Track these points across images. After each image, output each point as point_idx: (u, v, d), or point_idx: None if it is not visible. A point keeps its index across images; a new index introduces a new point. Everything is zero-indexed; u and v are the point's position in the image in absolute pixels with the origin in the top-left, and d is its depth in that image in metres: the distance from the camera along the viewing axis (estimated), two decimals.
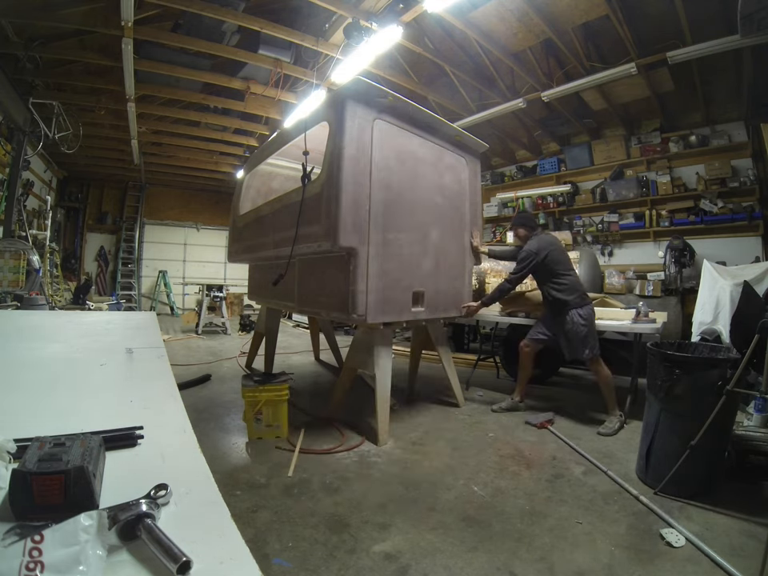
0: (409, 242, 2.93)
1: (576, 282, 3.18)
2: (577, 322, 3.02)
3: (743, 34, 3.31)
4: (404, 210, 2.89)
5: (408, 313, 2.94)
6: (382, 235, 2.72)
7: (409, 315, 2.96)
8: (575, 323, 3.02)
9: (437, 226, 3.18)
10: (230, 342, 6.70)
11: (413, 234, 2.97)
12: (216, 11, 4.08)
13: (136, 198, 10.68)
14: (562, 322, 3.08)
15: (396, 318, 2.88)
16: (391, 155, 2.81)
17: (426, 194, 3.10)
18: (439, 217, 3.22)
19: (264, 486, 2.13)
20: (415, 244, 2.99)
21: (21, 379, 1.15)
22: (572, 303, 3.06)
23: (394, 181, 2.82)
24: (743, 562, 1.55)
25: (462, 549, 1.67)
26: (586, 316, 3.06)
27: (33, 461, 0.61)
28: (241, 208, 4.33)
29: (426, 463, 2.45)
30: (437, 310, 3.21)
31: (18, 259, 4.76)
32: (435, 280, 3.17)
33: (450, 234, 3.33)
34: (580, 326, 3.02)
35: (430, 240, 3.13)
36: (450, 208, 3.34)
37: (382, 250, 2.72)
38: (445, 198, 3.28)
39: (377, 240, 2.68)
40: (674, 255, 5.43)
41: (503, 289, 3.28)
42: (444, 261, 3.26)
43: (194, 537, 0.58)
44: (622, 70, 4.55)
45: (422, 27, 4.87)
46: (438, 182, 3.23)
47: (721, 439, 2.13)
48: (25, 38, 4.51)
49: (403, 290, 2.89)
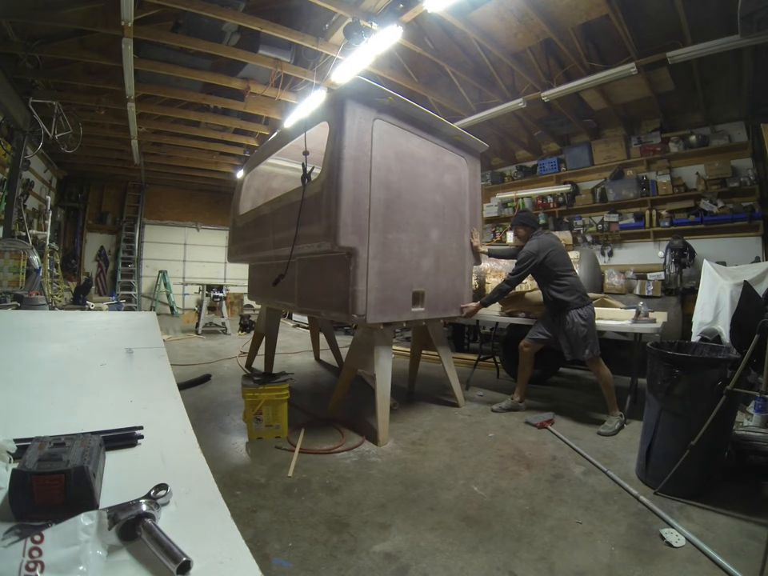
0: (409, 241, 2.93)
1: (576, 282, 3.18)
2: (577, 322, 3.02)
3: (743, 34, 3.31)
4: (404, 210, 2.89)
5: (408, 313, 2.94)
6: (382, 235, 2.72)
7: (409, 315, 2.96)
8: (575, 323, 3.02)
9: (437, 226, 3.18)
10: (230, 342, 6.69)
11: (413, 233, 2.96)
12: (216, 11, 4.08)
13: (136, 198, 10.68)
14: (563, 322, 3.09)
15: (396, 318, 2.88)
16: (391, 155, 2.81)
17: (426, 193, 3.10)
18: (439, 216, 3.22)
19: (264, 485, 2.13)
20: (415, 244, 2.99)
21: (21, 379, 1.15)
22: (572, 304, 3.06)
23: (394, 180, 2.82)
24: (743, 562, 1.55)
25: (462, 549, 1.67)
26: (586, 316, 3.06)
27: (33, 461, 0.61)
28: (241, 208, 4.33)
29: (426, 463, 2.45)
30: (437, 309, 3.21)
31: (18, 259, 4.75)
32: (435, 280, 3.16)
33: (450, 234, 3.33)
34: (580, 326, 3.02)
35: (430, 240, 3.12)
36: (450, 208, 3.33)
37: (382, 250, 2.71)
38: (445, 198, 3.27)
39: (377, 240, 2.68)
40: (673, 255, 5.43)
41: (502, 289, 3.28)
42: (444, 261, 3.25)
43: (194, 537, 0.58)
44: (621, 70, 4.55)
45: (422, 27, 4.87)
46: (438, 181, 3.23)
47: (721, 439, 2.13)
48: (25, 38, 4.51)
49: (403, 289, 2.89)
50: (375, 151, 2.68)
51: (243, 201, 4.37)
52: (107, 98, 5.97)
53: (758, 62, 4.29)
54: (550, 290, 3.16)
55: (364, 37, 3.90)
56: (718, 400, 1.92)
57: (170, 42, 4.70)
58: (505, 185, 7.93)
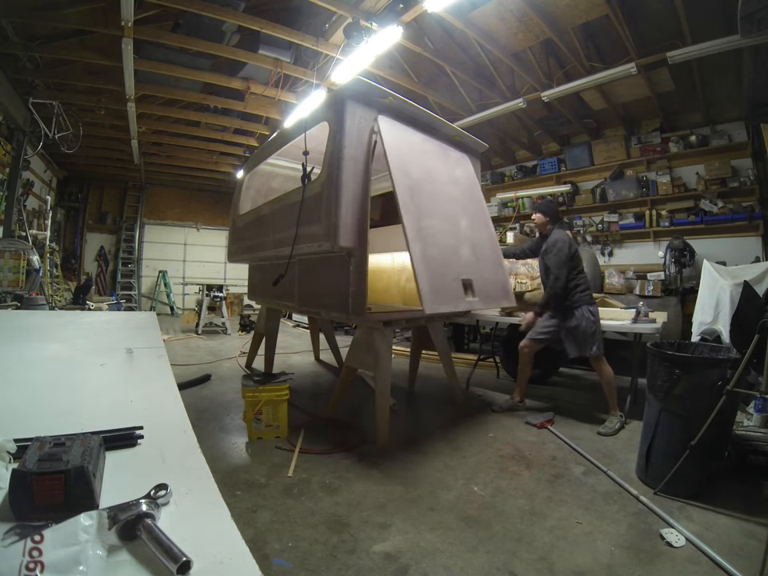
0: (443, 229, 2.75)
1: (588, 280, 3.22)
2: (587, 317, 3.04)
3: (743, 34, 3.30)
4: (428, 198, 2.71)
5: (463, 302, 2.68)
6: (415, 219, 2.51)
7: (464, 305, 2.71)
8: (586, 318, 3.03)
9: (463, 216, 3.02)
10: (230, 342, 6.69)
11: (444, 222, 2.79)
12: (216, 11, 4.07)
13: (136, 198, 10.68)
14: (571, 318, 3.08)
15: (453, 309, 2.63)
16: (402, 145, 2.71)
17: (443, 185, 2.98)
18: (463, 207, 3.07)
19: (264, 485, 2.13)
20: (449, 232, 2.81)
21: (21, 379, 1.15)
22: (584, 300, 3.09)
23: (412, 168, 2.68)
24: (743, 562, 1.55)
25: (462, 549, 1.67)
26: (595, 312, 3.09)
27: (33, 461, 0.61)
28: (241, 208, 4.33)
29: (426, 463, 2.45)
30: (489, 299, 2.97)
31: (18, 259, 4.75)
32: (478, 268, 2.95)
33: (477, 225, 3.16)
34: (590, 321, 3.03)
35: (461, 229, 2.95)
36: (468, 199, 3.20)
37: (419, 235, 2.50)
38: (461, 190, 3.17)
39: (412, 224, 2.46)
40: (674, 255, 5.43)
41: (557, 291, 3.06)
42: (480, 250, 3.05)
43: (194, 537, 0.58)
44: (621, 70, 4.55)
45: (422, 27, 4.87)
46: (451, 174, 3.14)
47: (721, 439, 2.13)
48: (25, 38, 4.51)
49: (452, 277, 2.68)
50: (386, 138, 2.57)
51: (243, 201, 4.37)
52: (107, 98, 5.97)
53: (758, 62, 4.28)
54: (566, 284, 3.11)
55: (364, 37, 3.90)
56: (717, 400, 1.92)
57: (170, 42, 4.70)
58: (505, 185, 7.93)
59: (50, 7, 4.11)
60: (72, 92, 5.88)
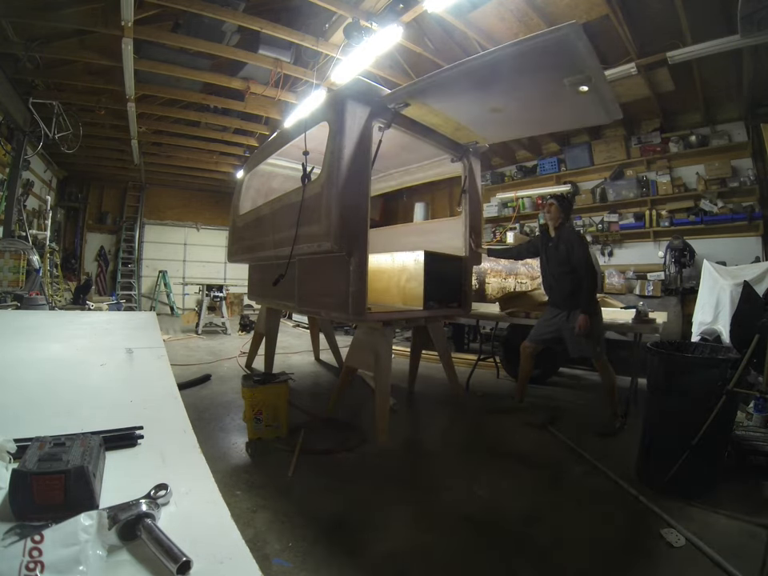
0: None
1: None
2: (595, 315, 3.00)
3: (743, 34, 3.30)
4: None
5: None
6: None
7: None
8: (594, 316, 3.00)
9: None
10: (230, 342, 6.69)
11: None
12: (216, 11, 4.08)
13: (136, 198, 10.68)
14: (575, 317, 2.99)
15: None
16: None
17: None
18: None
19: (264, 485, 2.13)
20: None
21: (21, 379, 1.15)
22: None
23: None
24: (743, 562, 1.55)
25: (462, 549, 1.67)
26: (600, 311, 3.07)
27: (33, 461, 0.61)
28: (241, 208, 4.33)
29: (426, 463, 2.45)
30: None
31: (18, 259, 4.75)
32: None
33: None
34: (597, 320, 3.00)
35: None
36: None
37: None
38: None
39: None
40: (674, 255, 5.43)
41: (597, 286, 3.10)
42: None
43: (194, 537, 0.58)
44: (621, 70, 4.55)
45: (422, 27, 4.87)
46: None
47: (721, 439, 2.13)
48: (25, 38, 4.51)
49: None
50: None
51: (243, 201, 4.37)
52: (107, 98, 5.97)
53: (758, 62, 4.28)
54: (576, 282, 3.04)
55: (364, 37, 3.91)
56: (718, 400, 1.92)
57: (169, 42, 4.71)
58: (505, 185, 7.92)
59: (50, 7, 4.11)
60: (72, 92, 5.89)
